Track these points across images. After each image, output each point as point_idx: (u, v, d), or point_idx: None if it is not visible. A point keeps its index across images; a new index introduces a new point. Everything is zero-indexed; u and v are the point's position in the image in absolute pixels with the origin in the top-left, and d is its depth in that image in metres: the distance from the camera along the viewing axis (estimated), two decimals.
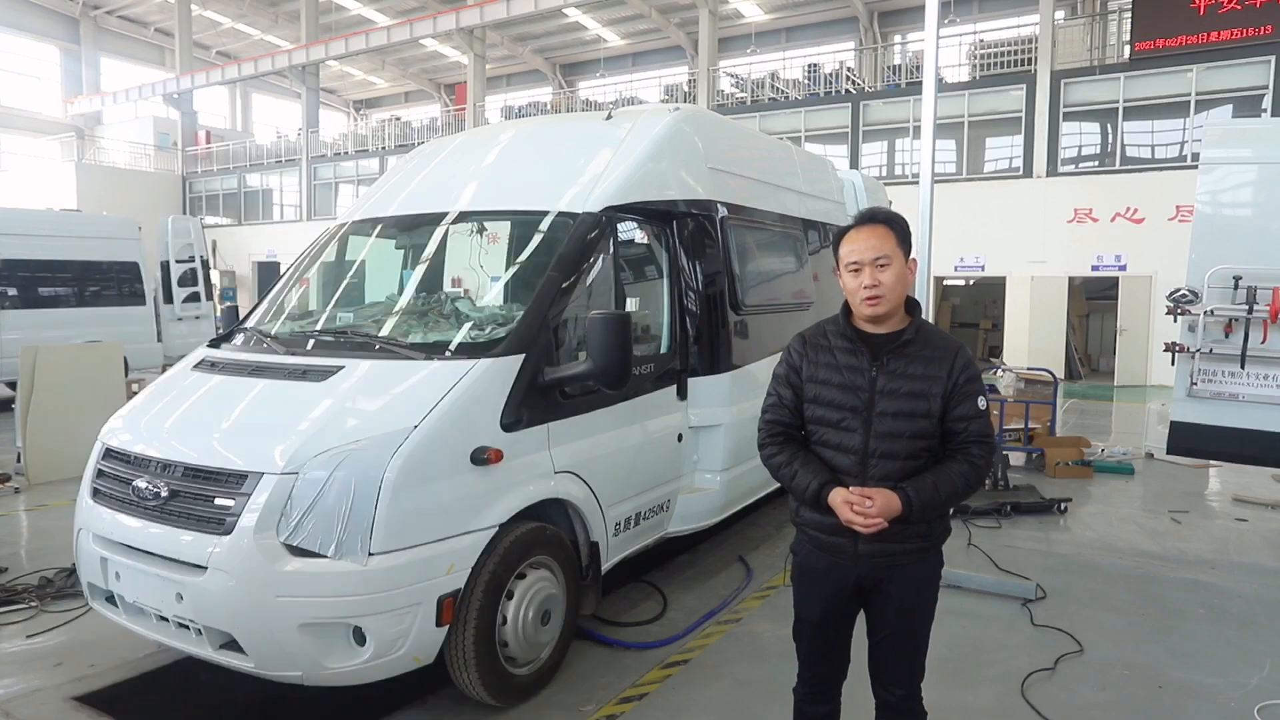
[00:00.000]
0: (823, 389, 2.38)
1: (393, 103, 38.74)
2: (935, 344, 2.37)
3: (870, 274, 2.30)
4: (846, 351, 2.38)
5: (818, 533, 2.41)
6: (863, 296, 2.32)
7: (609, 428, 4.05)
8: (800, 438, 2.46)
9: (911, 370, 2.32)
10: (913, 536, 2.37)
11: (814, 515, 2.40)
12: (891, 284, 2.31)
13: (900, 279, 2.33)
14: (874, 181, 8.58)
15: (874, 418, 2.31)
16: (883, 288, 2.30)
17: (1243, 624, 4.54)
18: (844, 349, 2.38)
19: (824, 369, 2.39)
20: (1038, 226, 16.96)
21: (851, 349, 2.37)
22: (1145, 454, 9.00)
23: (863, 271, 2.31)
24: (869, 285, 2.30)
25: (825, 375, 2.38)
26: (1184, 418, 5.59)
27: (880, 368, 2.33)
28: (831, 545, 2.39)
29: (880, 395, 2.31)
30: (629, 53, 30.79)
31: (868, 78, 22.07)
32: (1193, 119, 15.79)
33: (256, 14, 31.16)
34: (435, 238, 4.47)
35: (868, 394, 2.32)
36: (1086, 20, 18.91)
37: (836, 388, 2.36)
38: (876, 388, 2.32)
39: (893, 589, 2.40)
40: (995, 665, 4.01)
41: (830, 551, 2.40)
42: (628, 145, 4.53)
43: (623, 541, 4.21)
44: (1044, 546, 5.92)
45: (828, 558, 2.42)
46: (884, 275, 2.30)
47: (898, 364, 2.33)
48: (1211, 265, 5.34)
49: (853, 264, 2.34)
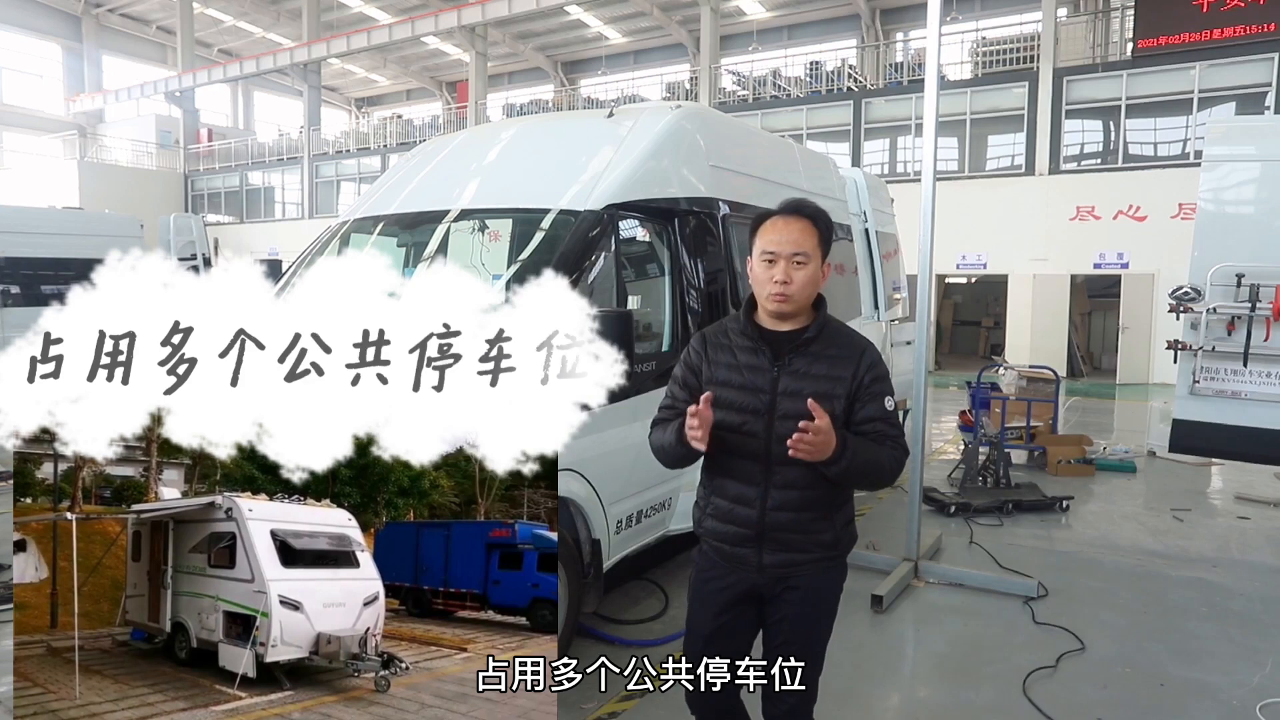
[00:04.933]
0: (723, 390, 2.22)
1: (394, 100, 38.75)
2: (840, 343, 2.24)
3: (784, 269, 2.16)
4: (748, 351, 2.24)
5: (721, 543, 2.28)
6: (771, 291, 2.17)
7: (611, 425, 4.05)
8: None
9: (815, 370, 2.19)
10: (817, 545, 2.24)
11: (715, 524, 2.28)
12: (804, 283, 2.18)
13: (813, 280, 2.20)
14: (876, 179, 8.56)
15: (776, 420, 2.16)
16: (793, 286, 2.16)
17: (1245, 622, 4.54)
18: (745, 348, 2.24)
19: (724, 369, 2.25)
20: (1040, 224, 16.93)
21: (753, 348, 2.23)
22: (1147, 452, 9.00)
23: (777, 264, 2.17)
24: (780, 281, 2.16)
25: (726, 376, 2.24)
26: (1186, 416, 5.59)
27: (782, 367, 2.20)
28: (735, 556, 2.27)
29: (783, 396, 2.17)
30: (631, 50, 30.76)
31: (870, 75, 22.05)
32: (1195, 116, 15.77)
33: (258, 12, 31.16)
34: (437, 235, 4.47)
35: (769, 395, 2.18)
36: (1089, 17, 18.87)
37: (737, 389, 2.21)
38: (779, 388, 2.18)
39: (791, 599, 2.27)
40: (997, 663, 4.01)
41: (733, 562, 2.28)
42: (630, 143, 4.52)
43: (624, 539, 4.21)
44: (1046, 544, 5.92)
45: (729, 568, 2.29)
46: (798, 273, 2.17)
47: (801, 363, 2.20)
48: (1214, 263, 5.34)
49: (767, 254, 2.19)
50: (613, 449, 4.05)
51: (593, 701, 3.56)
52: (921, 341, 5.49)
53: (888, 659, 4.16)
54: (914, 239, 5.25)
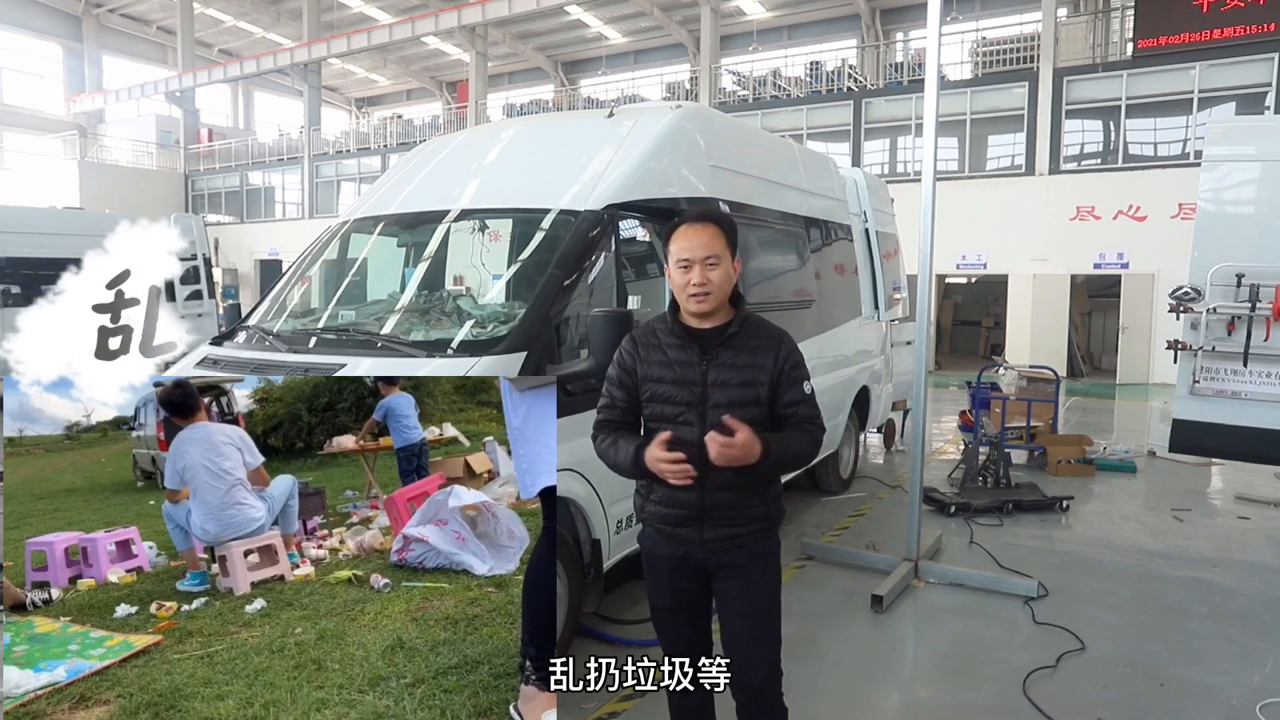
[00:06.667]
0: (658, 386, 2.42)
1: (395, 100, 38.73)
2: (761, 334, 2.45)
3: (700, 272, 2.34)
4: (676, 348, 2.42)
5: (664, 525, 2.46)
6: (691, 293, 2.36)
7: None
8: (629, 428, 2.50)
9: (740, 361, 2.39)
10: (753, 519, 2.44)
11: (659, 508, 2.45)
12: (720, 282, 2.36)
13: (727, 278, 2.39)
14: (876, 179, 8.56)
15: (708, 410, 2.35)
16: (710, 285, 2.34)
17: (1245, 622, 4.54)
18: (674, 345, 2.43)
19: (657, 366, 2.43)
20: (1040, 224, 16.93)
21: (681, 345, 2.42)
22: (1147, 452, 9.00)
23: (692, 269, 2.35)
24: (698, 283, 2.34)
25: (659, 373, 2.42)
26: (1186, 416, 5.59)
27: (710, 361, 2.39)
28: (677, 536, 2.45)
29: (712, 387, 2.37)
30: (631, 50, 30.75)
31: (870, 75, 22.04)
32: (1195, 116, 15.76)
33: (258, 12, 31.15)
34: (437, 235, 4.47)
35: (700, 387, 2.38)
36: (1089, 17, 18.86)
37: (670, 384, 2.40)
38: (708, 380, 2.38)
39: (733, 570, 2.45)
40: (997, 663, 4.01)
41: (676, 541, 2.46)
42: (630, 143, 4.52)
43: (625, 539, 4.21)
44: (1046, 544, 5.92)
45: (672, 546, 2.47)
46: (713, 274, 2.35)
47: (726, 355, 2.39)
48: (1214, 263, 5.34)
49: (683, 260, 2.37)
50: None
51: (592, 701, 3.56)
52: (921, 341, 5.49)
53: (888, 659, 4.16)
54: (914, 239, 5.25)
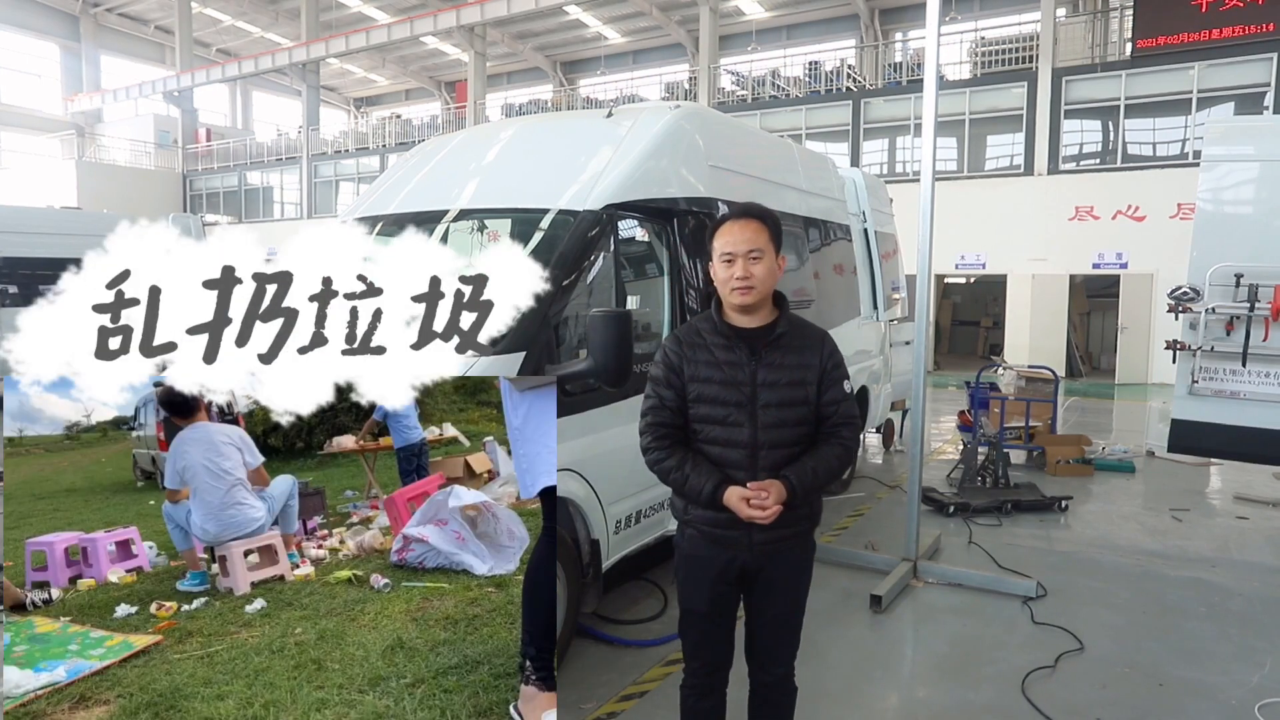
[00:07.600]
0: (705, 387, 2.41)
1: (393, 100, 38.71)
2: (806, 334, 2.49)
3: (743, 266, 2.36)
4: (723, 348, 2.42)
5: (712, 528, 2.45)
6: (734, 287, 2.37)
7: (610, 425, 4.05)
8: (684, 438, 2.47)
9: (788, 361, 2.41)
10: (800, 520, 2.47)
11: (707, 513, 2.43)
12: (763, 276, 2.37)
13: (771, 273, 2.40)
14: (875, 179, 8.57)
15: (759, 410, 2.37)
16: (754, 279, 2.36)
17: (1244, 622, 4.54)
18: (721, 345, 2.43)
19: (704, 367, 2.42)
20: (1039, 224, 16.94)
21: (728, 345, 2.42)
22: (1146, 452, 9.01)
23: (735, 263, 2.37)
24: (741, 276, 2.36)
25: (706, 373, 2.41)
26: (1185, 416, 5.60)
27: (759, 361, 2.40)
28: (726, 538, 2.44)
29: (762, 388, 2.38)
30: (630, 50, 30.75)
31: (869, 75, 22.06)
32: (1194, 116, 15.78)
33: (257, 11, 31.13)
34: (436, 236, 4.47)
35: (750, 388, 2.38)
36: (1088, 17, 18.87)
37: (719, 384, 2.40)
38: (758, 380, 2.39)
39: (776, 572, 2.49)
40: (996, 663, 4.02)
41: (724, 544, 2.45)
42: (628, 143, 4.52)
43: (623, 539, 4.21)
44: (1045, 544, 5.93)
45: (718, 549, 2.46)
46: (756, 268, 2.36)
47: (774, 356, 2.41)
48: (1213, 263, 5.35)
49: (726, 255, 2.39)
50: (612, 449, 4.05)
51: (592, 701, 3.57)
52: (920, 341, 5.49)
53: (887, 659, 4.16)
54: (913, 239, 5.25)
